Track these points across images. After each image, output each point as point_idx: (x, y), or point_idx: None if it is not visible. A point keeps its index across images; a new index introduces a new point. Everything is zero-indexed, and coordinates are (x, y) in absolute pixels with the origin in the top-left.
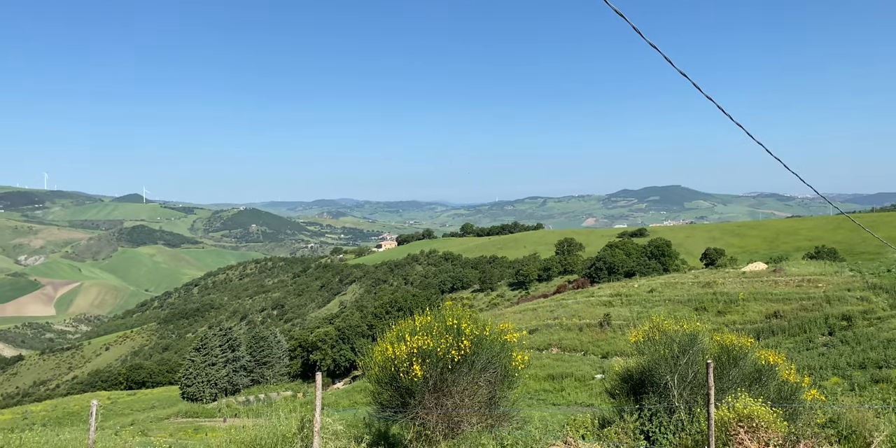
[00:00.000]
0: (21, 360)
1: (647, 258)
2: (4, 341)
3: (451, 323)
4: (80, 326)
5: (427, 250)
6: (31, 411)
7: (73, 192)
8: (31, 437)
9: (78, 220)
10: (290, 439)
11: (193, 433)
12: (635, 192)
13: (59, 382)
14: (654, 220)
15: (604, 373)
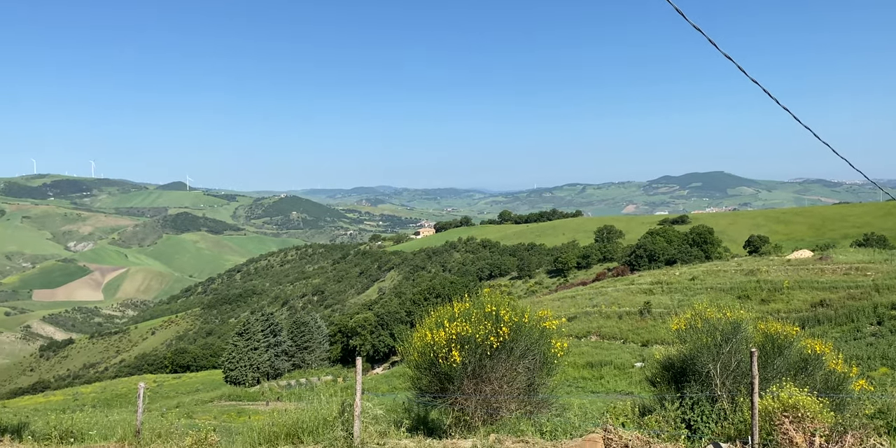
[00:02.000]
0: (71, 343)
1: (689, 246)
2: (56, 325)
3: (490, 310)
4: (127, 311)
5: (465, 237)
6: (82, 393)
7: (119, 179)
8: (82, 417)
9: (124, 208)
10: (331, 423)
11: (237, 416)
12: (677, 178)
13: (107, 365)
14: (696, 206)
15: (644, 361)
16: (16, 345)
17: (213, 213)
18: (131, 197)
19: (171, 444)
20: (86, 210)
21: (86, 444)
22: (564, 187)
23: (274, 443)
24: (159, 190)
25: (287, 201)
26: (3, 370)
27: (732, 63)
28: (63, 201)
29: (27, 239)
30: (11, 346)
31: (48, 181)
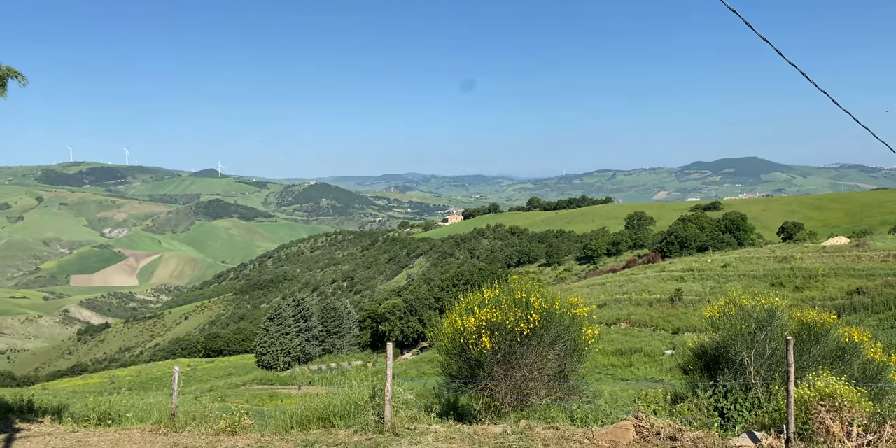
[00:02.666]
0: (107, 327)
1: (721, 232)
2: (92, 310)
3: (520, 296)
4: (161, 296)
5: (493, 224)
6: (118, 376)
7: (152, 167)
8: (119, 400)
9: (157, 195)
10: (362, 407)
11: (269, 400)
12: (709, 164)
13: (142, 349)
14: (729, 192)
15: (674, 348)
16: (54, 329)
17: (245, 199)
18: (164, 184)
19: (206, 427)
20: (120, 197)
21: (123, 426)
22: (594, 174)
23: (306, 426)
24: (192, 177)
25: (317, 188)
26: (42, 353)
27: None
28: (98, 188)
29: (64, 225)
30: (50, 329)
31: (84, 169)
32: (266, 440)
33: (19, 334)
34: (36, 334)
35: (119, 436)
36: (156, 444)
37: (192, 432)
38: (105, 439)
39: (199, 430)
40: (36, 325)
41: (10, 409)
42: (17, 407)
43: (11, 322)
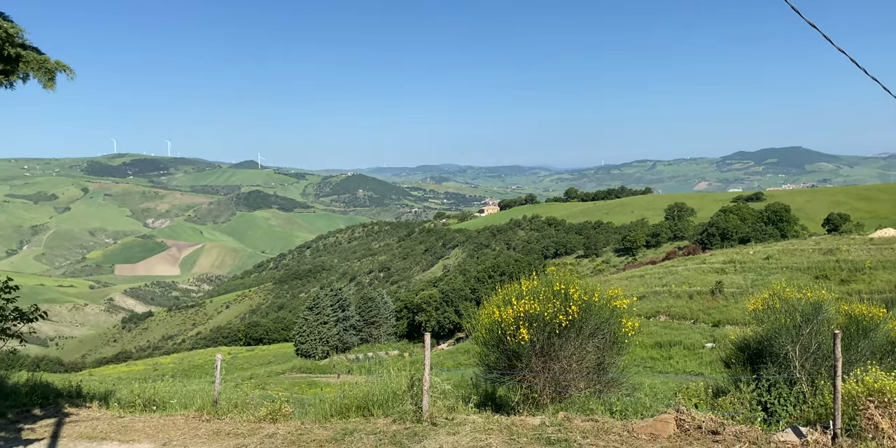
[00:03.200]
0: (151, 316)
1: (764, 224)
2: (136, 298)
3: (559, 288)
4: (203, 285)
5: (529, 215)
6: (161, 363)
7: (193, 158)
8: (162, 386)
9: (199, 186)
10: (400, 397)
11: (307, 388)
12: (751, 154)
13: (184, 337)
14: (772, 183)
15: (715, 341)
16: (100, 316)
17: (284, 190)
18: (206, 175)
19: (247, 414)
20: (163, 188)
21: (167, 413)
22: (633, 164)
23: (345, 415)
24: (232, 168)
25: (354, 179)
26: (89, 340)
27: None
28: (141, 179)
29: (109, 216)
30: (96, 317)
31: (128, 160)
32: (306, 428)
33: (67, 322)
34: (83, 322)
35: (164, 422)
36: (199, 430)
37: (234, 419)
38: (150, 425)
39: (241, 417)
40: (83, 312)
41: (60, 393)
42: (66, 392)
43: (59, 310)
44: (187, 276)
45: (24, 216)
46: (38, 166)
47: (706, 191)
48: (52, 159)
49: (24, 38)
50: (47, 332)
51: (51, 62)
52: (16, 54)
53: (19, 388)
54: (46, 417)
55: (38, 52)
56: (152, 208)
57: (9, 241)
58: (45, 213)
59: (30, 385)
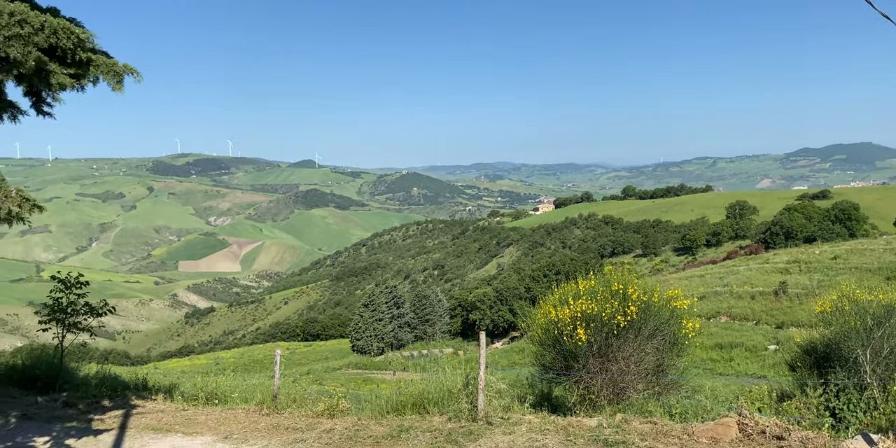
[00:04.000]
0: (213, 311)
1: (831, 222)
2: (199, 294)
3: (617, 288)
4: (262, 282)
5: (586, 214)
6: (222, 358)
7: (254, 158)
8: (224, 381)
9: (259, 184)
10: (455, 395)
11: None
12: (818, 150)
13: (244, 332)
14: (840, 180)
15: (778, 344)
16: (164, 311)
17: (340, 189)
18: (265, 174)
19: (306, 410)
20: (224, 187)
21: (228, 406)
22: (693, 161)
23: (401, 412)
24: (290, 168)
25: (408, 178)
26: (153, 334)
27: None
28: (204, 179)
29: (173, 214)
30: (161, 312)
31: (191, 160)
32: (363, 424)
33: (133, 316)
34: (148, 316)
35: (225, 415)
36: (259, 424)
37: (293, 414)
38: (212, 418)
39: (300, 411)
40: (148, 308)
41: (127, 386)
42: (133, 384)
43: (126, 304)
44: (247, 272)
45: (94, 214)
46: (106, 166)
47: (769, 189)
48: (119, 159)
49: (94, 43)
50: (115, 327)
51: (119, 66)
52: (87, 58)
53: (89, 380)
54: (115, 409)
55: (108, 56)
56: (214, 206)
57: (79, 239)
58: (113, 211)
59: (99, 377)
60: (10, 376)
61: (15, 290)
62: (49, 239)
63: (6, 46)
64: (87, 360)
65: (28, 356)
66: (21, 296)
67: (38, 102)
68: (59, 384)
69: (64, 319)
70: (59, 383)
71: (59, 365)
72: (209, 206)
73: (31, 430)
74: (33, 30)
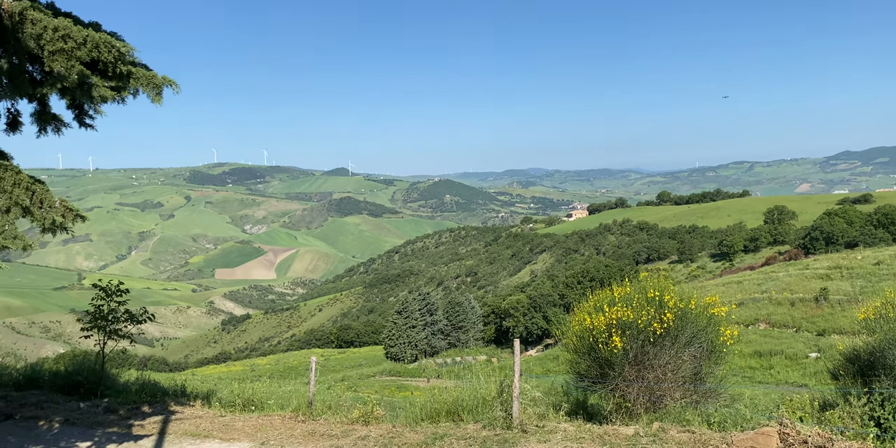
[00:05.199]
0: (249, 318)
1: (873, 227)
2: (235, 301)
3: (653, 295)
4: (297, 289)
5: (620, 220)
6: (258, 364)
7: (288, 167)
8: (260, 387)
9: (293, 193)
10: (490, 402)
11: (397, 391)
12: (859, 153)
13: (279, 339)
14: (883, 184)
15: (819, 351)
16: (202, 318)
17: (373, 197)
18: (299, 183)
19: (341, 416)
20: (259, 195)
21: (265, 413)
22: (730, 166)
23: (435, 419)
24: (324, 176)
25: (440, 185)
26: (191, 341)
27: None
28: (239, 187)
29: (209, 222)
30: (198, 319)
31: (227, 169)
32: (397, 431)
33: (171, 323)
34: (185, 324)
35: (262, 421)
36: (295, 430)
37: (328, 420)
38: (249, 424)
39: (335, 418)
40: (185, 315)
41: (166, 392)
42: (171, 391)
43: (164, 312)
44: (282, 279)
45: (133, 223)
46: (144, 176)
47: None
48: (157, 169)
49: (133, 56)
50: (153, 333)
51: (158, 78)
52: (127, 71)
53: (130, 386)
54: (154, 414)
55: (147, 69)
56: (250, 215)
57: (119, 247)
58: (151, 220)
59: (139, 383)
60: (53, 382)
61: (57, 298)
62: (90, 247)
63: (50, 61)
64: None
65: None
66: (63, 303)
67: (80, 115)
68: (100, 390)
69: (105, 326)
70: (100, 389)
71: (100, 371)
72: (245, 214)
73: (73, 435)
74: (76, 44)
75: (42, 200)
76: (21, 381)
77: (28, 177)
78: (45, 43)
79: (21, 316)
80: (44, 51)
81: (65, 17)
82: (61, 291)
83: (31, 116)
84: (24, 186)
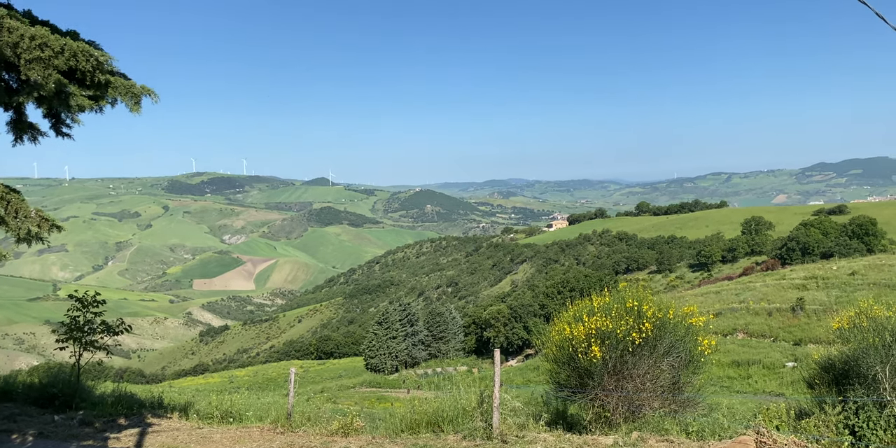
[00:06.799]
0: (227, 329)
1: (848, 238)
2: (213, 312)
3: (632, 304)
4: (276, 300)
5: (600, 230)
6: (236, 376)
7: (268, 176)
8: (238, 399)
9: (273, 203)
10: (470, 413)
11: (377, 402)
12: (833, 165)
13: (258, 351)
14: (857, 195)
15: (796, 361)
16: (179, 330)
17: (354, 206)
18: (279, 193)
19: (320, 428)
20: (238, 205)
21: (243, 424)
22: (707, 177)
23: (415, 430)
24: (304, 186)
25: (422, 195)
26: (168, 353)
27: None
28: (218, 197)
29: (188, 232)
30: (175, 330)
31: (205, 179)
32: (377, 442)
33: (148, 334)
34: (162, 335)
35: (240, 433)
36: (273, 442)
37: (307, 432)
38: (227, 436)
39: (314, 430)
40: (163, 326)
41: (143, 404)
42: (148, 403)
43: (141, 323)
44: (261, 290)
45: (110, 233)
46: (122, 185)
47: (785, 204)
48: (135, 178)
49: (112, 65)
50: (130, 345)
51: (137, 87)
52: (105, 80)
53: (106, 399)
54: (131, 427)
55: (126, 78)
56: (229, 225)
57: (95, 257)
58: (129, 230)
59: (115, 395)
60: (27, 395)
61: (32, 309)
62: (66, 258)
63: (27, 69)
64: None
65: (45, 375)
66: (38, 314)
67: (57, 124)
68: (75, 402)
69: (81, 338)
70: (75, 402)
71: (75, 383)
72: (223, 224)
73: None
74: (53, 53)
75: (17, 210)
76: None
77: (2, 186)
78: (22, 51)
79: None
80: (20, 59)
81: (42, 25)
82: (36, 302)
83: (7, 125)
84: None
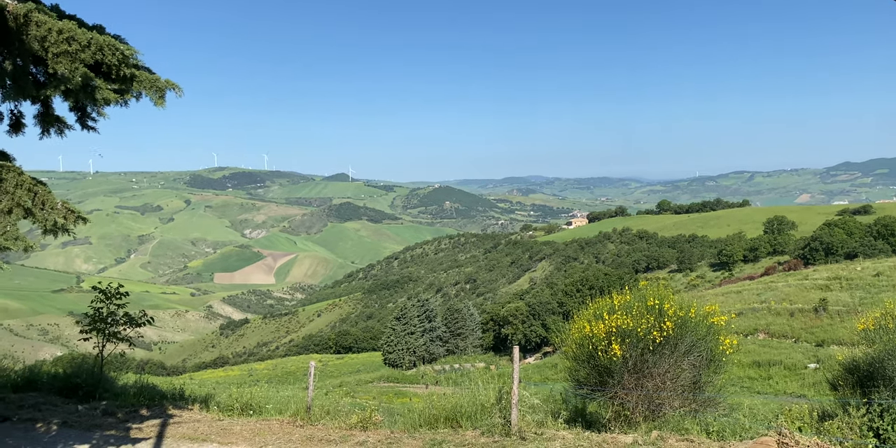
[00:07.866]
0: (247, 323)
1: (873, 238)
2: (233, 306)
3: (653, 303)
4: (296, 294)
5: (620, 228)
6: (256, 369)
7: (288, 172)
8: (258, 392)
9: (293, 198)
10: (488, 409)
11: (395, 397)
12: (859, 164)
13: (278, 344)
14: (882, 195)
15: (818, 362)
16: (200, 323)
17: (373, 202)
18: (299, 188)
19: (339, 422)
20: (259, 200)
21: (263, 417)
22: (730, 175)
23: (434, 425)
24: (324, 181)
25: (440, 191)
26: (189, 345)
27: None
28: (239, 192)
29: (209, 226)
30: (196, 323)
31: (227, 174)
32: (395, 437)
33: (169, 327)
34: (183, 328)
35: (260, 426)
36: (293, 435)
37: (326, 426)
38: (247, 428)
39: (333, 423)
40: (184, 319)
41: (164, 395)
42: (170, 394)
43: (163, 316)
44: (281, 284)
45: (132, 226)
46: (145, 179)
47: (808, 203)
48: (157, 173)
49: (137, 59)
50: (151, 337)
51: (161, 81)
52: (130, 74)
53: (128, 389)
54: (152, 418)
55: (150, 72)
56: (249, 219)
57: (118, 250)
58: (151, 223)
59: (137, 386)
60: (51, 384)
61: (56, 301)
62: (89, 250)
63: (54, 63)
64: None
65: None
66: (62, 306)
67: (83, 117)
68: (98, 393)
69: (104, 329)
70: (98, 392)
71: (98, 374)
72: (244, 218)
73: (71, 438)
74: (80, 47)
75: (44, 202)
76: (19, 383)
77: (30, 178)
78: (50, 45)
79: (19, 318)
80: (48, 53)
81: (69, 19)
82: (60, 294)
83: (35, 118)
84: (26, 188)
